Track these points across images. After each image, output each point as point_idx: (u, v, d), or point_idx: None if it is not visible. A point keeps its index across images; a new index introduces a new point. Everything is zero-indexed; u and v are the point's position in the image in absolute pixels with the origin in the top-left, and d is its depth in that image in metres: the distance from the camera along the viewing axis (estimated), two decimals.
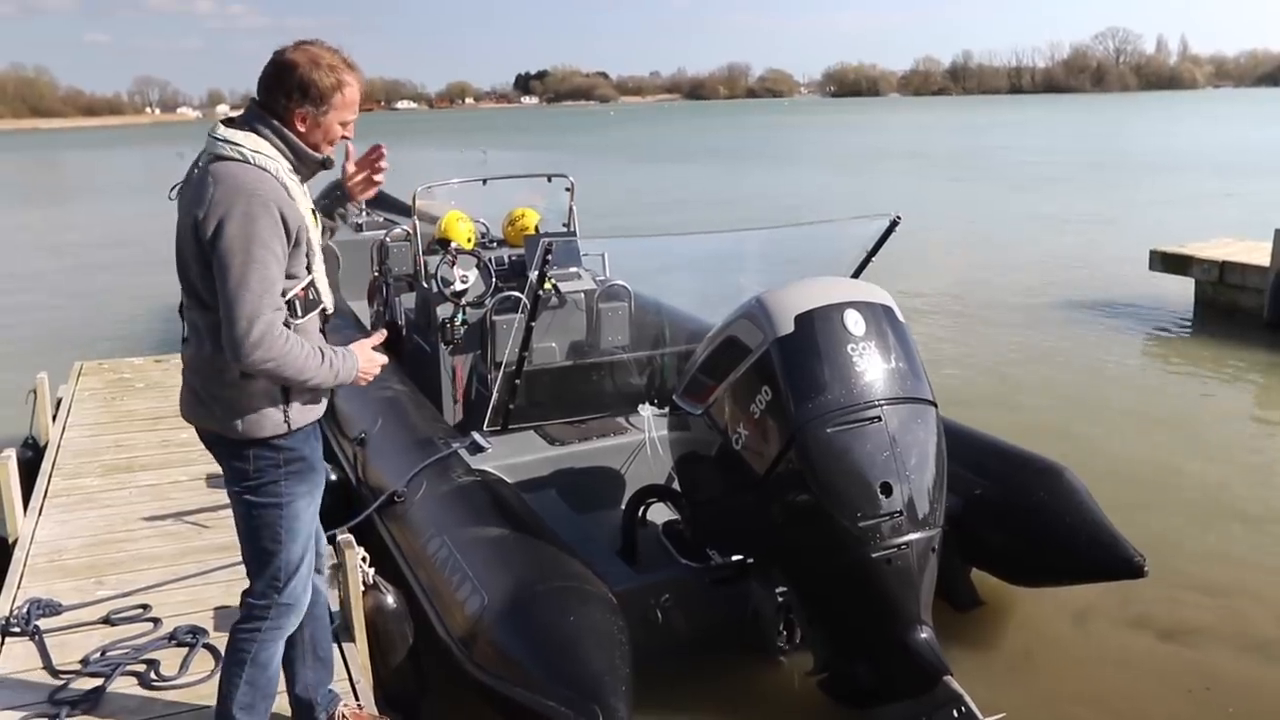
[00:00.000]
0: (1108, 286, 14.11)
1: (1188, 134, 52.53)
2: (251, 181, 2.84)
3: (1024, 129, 63.51)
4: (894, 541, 3.85)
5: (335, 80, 2.97)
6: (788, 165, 40.30)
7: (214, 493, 5.67)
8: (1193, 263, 12.34)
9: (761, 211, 23.18)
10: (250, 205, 2.81)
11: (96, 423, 7.16)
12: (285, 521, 3.09)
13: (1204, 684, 4.66)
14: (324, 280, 3.11)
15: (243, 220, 2.79)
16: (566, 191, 7.59)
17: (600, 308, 6.39)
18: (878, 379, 3.99)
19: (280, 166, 2.92)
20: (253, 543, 3.14)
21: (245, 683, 3.20)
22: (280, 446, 3.04)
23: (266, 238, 2.81)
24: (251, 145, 2.90)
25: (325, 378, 3.00)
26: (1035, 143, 49.39)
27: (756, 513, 4.15)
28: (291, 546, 3.12)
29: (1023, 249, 17.86)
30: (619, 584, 4.35)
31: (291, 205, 2.89)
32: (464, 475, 4.94)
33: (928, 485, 3.96)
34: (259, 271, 2.80)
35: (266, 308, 2.81)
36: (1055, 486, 4.91)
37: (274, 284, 2.83)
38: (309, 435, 3.13)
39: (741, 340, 4.22)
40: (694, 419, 4.48)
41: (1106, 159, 38.34)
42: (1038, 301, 13.44)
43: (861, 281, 4.58)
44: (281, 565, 3.13)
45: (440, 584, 4.21)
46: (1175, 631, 5.12)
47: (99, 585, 4.66)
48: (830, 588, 4.02)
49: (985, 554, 5.05)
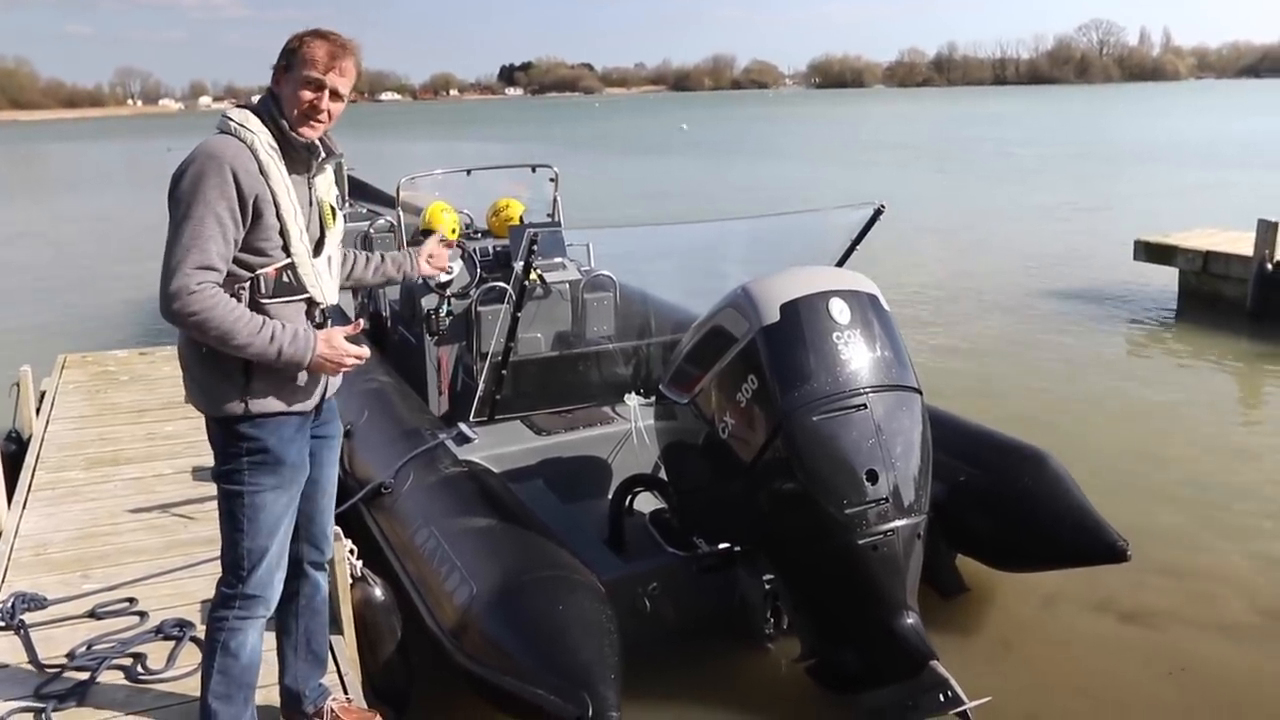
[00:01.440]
0: (1092, 276, 14.18)
1: (1171, 125, 52.74)
2: (216, 146, 2.87)
3: (1008, 120, 63.70)
4: (880, 528, 3.87)
5: (301, 39, 3.00)
6: (772, 157, 40.29)
7: (199, 485, 5.67)
8: (1177, 253, 12.36)
9: (746, 203, 23.20)
10: (203, 165, 2.83)
11: (80, 416, 7.13)
12: (248, 511, 3.08)
13: (1180, 665, 4.72)
14: (318, 273, 3.08)
15: (191, 179, 2.83)
16: (551, 182, 7.58)
17: (585, 298, 6.39)
18: (863, 367, 4.00)
19: (259, 140, 2.92)
20: (223, 530, 3.16)
21: (218, 672, 3.19)
22: (244, 434, 3.03)
23: (210, 197, 2.81)
24: (239, 119, 2.94)
25: (263, 349, 2.90)
26: (1019, 134, 49.52)
27: (743, 501, 4.16)
28: (255, 537, 3.10)
29: (1007, 239, 17.92)
30: (607, 573, 4.36)
31: (254, 175, 2.88)
32: (451, 466, 4.94)
33: (913, 472, 3.98)
34: (192, 228, 2.80)
35: (191, 262, 2.79)
36: (1039, 473, 4.94)
37: (206, 241, 2.80)
38: (281, 427, 3.08)
39: (727, 329, 4.23)
40: (680, 408, 4.49)
41: (1090, 150, 38.49)
42: (1021, 291, 13.49)
43: (847, 270, 4.60)
44: (244, 554, 3.12)
45: (429, 575, 4.22)
46: (1154, 615, 5.17)
47: (84, 579, 4.64)
48: (817, 575, 4.04)
49: (970, 540, 5.08)
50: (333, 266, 3.19)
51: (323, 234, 3.14)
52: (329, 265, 3.16)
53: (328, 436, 3.35)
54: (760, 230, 6.09)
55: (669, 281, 6.70)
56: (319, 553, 3.47)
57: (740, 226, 6.45)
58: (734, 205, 22.41)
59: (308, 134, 3.04)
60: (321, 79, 2.99)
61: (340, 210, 3.31)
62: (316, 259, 3.09)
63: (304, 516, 3.32)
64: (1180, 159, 32.41)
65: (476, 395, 5.57)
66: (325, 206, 3.16)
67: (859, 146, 44.47)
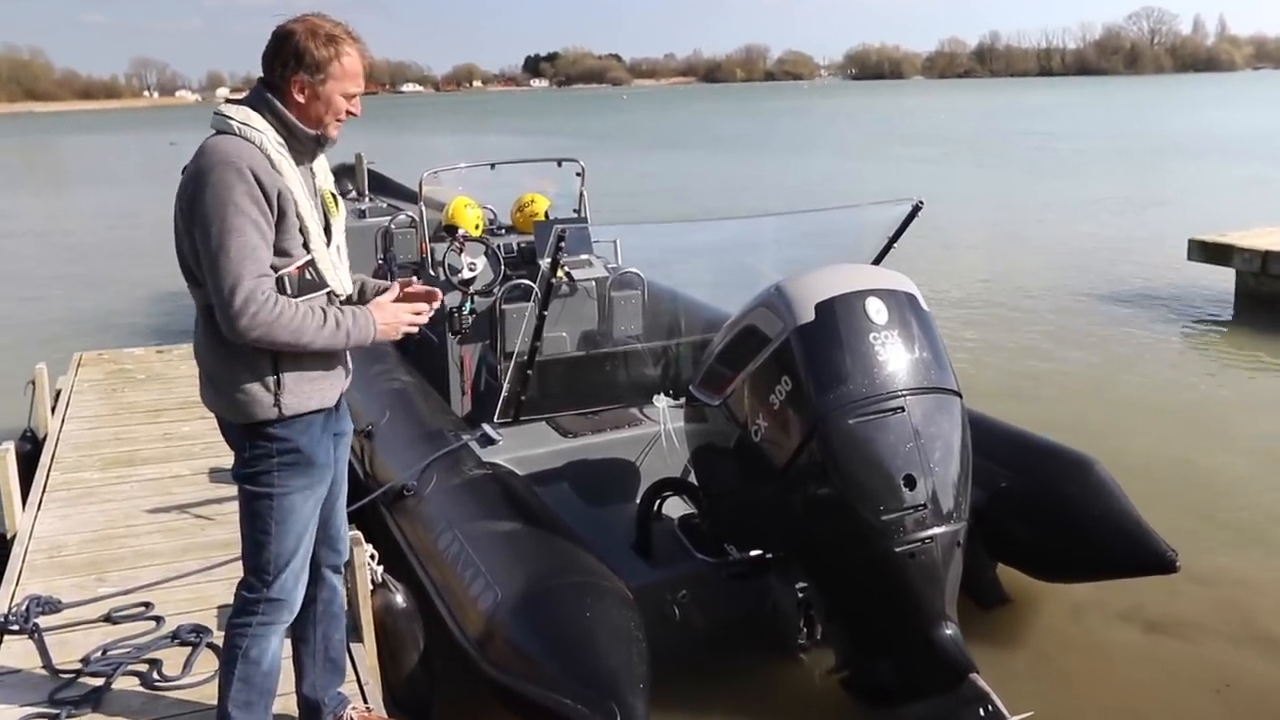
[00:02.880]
0: (1142, 277, 14.06)
1: (1226, 118, 52.16)
2: (229, 150, 2.87)
3: (1054, 113, 63.21)
4: (918, 535, 3.87)
5: (334, 49, 2.98)
6: (806, 151, 40.23)
7: (217, 487, 5.72)
8: (1234, 252, 12.17)
9: (779, 198, 23.15)
10: (224, 173, 2.83)
11: (96, 415, 7.21)
12: (276, 514, 3.09)
13: (1225, 682, 4.69)
14: (334, 264, 3.11)
15: (217, 188, 2.83)
16: (577, 176, 7.61)
17: (613, 296, 6.41)
18: (901, 368, 4.00)
19: (267, 138, 2.93)
20: (246, 533, 3.16)
21: (239, 679, 3.21)
22: (274, 435, 3.04)
23: (243, 204, 2.83)
24: (240, 117, 2.95)
25: (331, 340, 2.99)
26: (1066, 127, 49.15)
27: (776, 506, 4.17)
28: (283, 540, 3.12)
29: (1052, 237, 17.80)
30: (635, 579, 4.37)
31: (272, 174, 2.90)
32: (475, 468, 4.97)
33: (952, 478, 3.97)
34: (236, 239, 2.81)
35: (249, 274, 2.82)
36: (1084, 479, 4.92)
37: (255, 249, 2.84)
38: (310, 426, 3.10)
39: (760, 329, 4.24)
40: (711, 410, 4.50)
41: (1140, 144, 38.12)
42: (1066, 291, 13.40)
43: (884, 269, 4.59)
44: (271, 558, 3.13)
45: (452, 580, 4.25)
46: (1199, 629, 5.14)
47: (100, 582, 4.69)
48: (852, 583, 4.04)
49: (1012, 549, 5.07)
50: (342, 254, 3.22)
51: (328, 223, 3.17)
52: (339, 254, 3.19)
53: (343, 433, 3.37)
54: (794, 227, 6.10)
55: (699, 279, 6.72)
56: (336, 555, 3.49)
57: (773, 223, 6.46)
58: (767, 201, 22.34)
59: (335, 134, 3.10)
60: (359, 91, 3.08)
61: (344, 198, 3.37)
62: (328, 249, 3.12)
63: (320, 518, 3.32)
64: (1237, 153, 32.00)
65: (501, 396, 5.60)
66: (326, 194, 3.19)
67: (896, 140, 44.30)
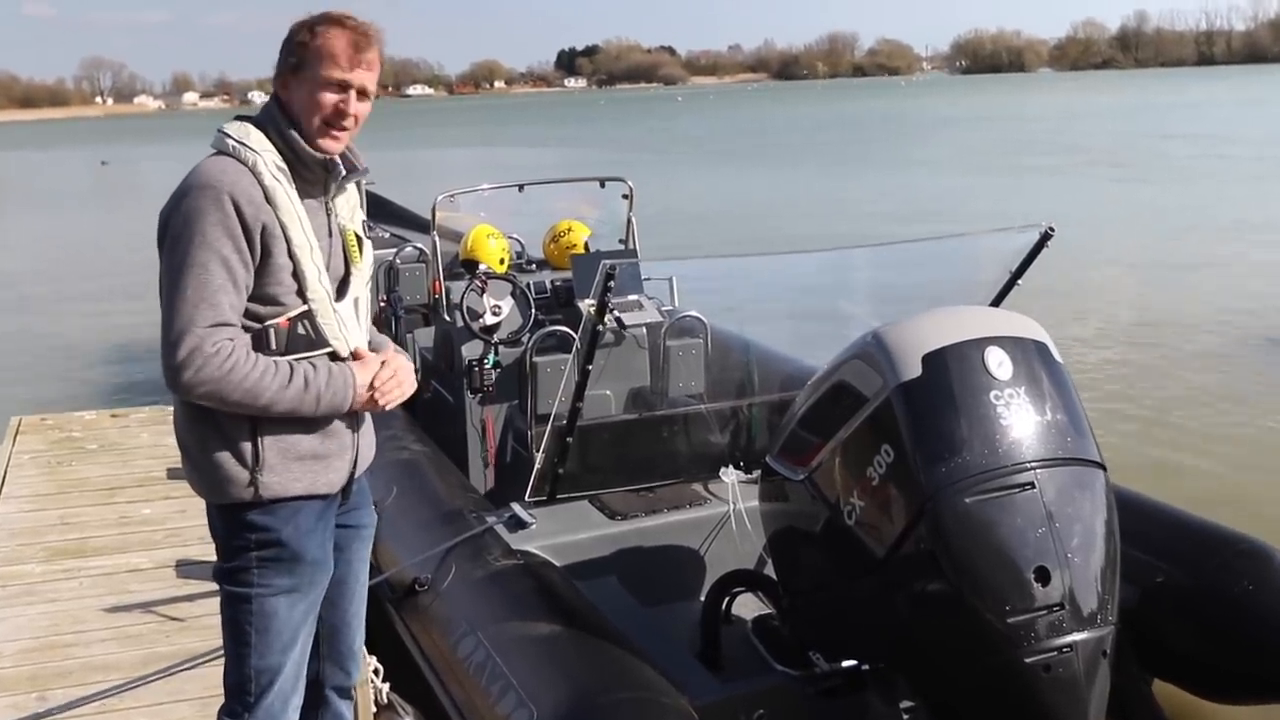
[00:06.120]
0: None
1: None
2: (212, 173, 2.91)
3: (1217, 111, 62.87)
4: (1053, 643, 3.84)
5: (312, 31, 3.01)
6: (906, 165, 40.25)
7: (185, 583, 5.71)
8: None
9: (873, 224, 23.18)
10: (198, 198, 2.87)
11: (38, 494, 7.26)
12: (256, 620, 3.08)
13: None
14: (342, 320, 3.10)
15: (187, 216, 2.87)
16: (624, 199, 7.68)
17: (669, 345, 6.43)
18: (1029, 435, 3.99)
19: (263, 161, 2.96)
20: (225, 644, 3.17)
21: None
22: (252, 523, 3.04)
23: (212, 236, 2.85)
24: (237, 135, 2.99)
25: (298, 402, 2.96)
26: (1231, 129, 48.83)
27: (874, 605, 4.16)
28: (265, 654, 3.11)
29: (1215, 269, 17.70)
30: (700, 696, 4.36)
31: (259, 205, 2.91)
32: (502, 558, 4.99)
33: (1095, 571, 3.95)
34: (196, 276, 2.85)
35: (200, 321, 2.84)
36: (1261, 573, 4.87)
37: (215, 292, 2.86)
38: (297, 514, 3.09)
39: (854, 386, 4.25)
40: (793, 486, 4.51)
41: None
42: (1233, 339, 13.31)
43: (1006, 311, 4.60)
44: (251, 675, 3.12)
45: (476, 696, 4.26)
46: None
47: (41, 700, 4.70)
48: (971, 702, 4.02)
49: (1171, 660, 5.02)
50: (360, 310, 3.21)
51: (347, 271, 3.17)
52: (355, 310, 3.18)
53: (358, 526, 3.35)
54: (893, 260, 6.10)
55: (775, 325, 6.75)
56: (345, 675, 3.48)
57: (867, 255, 6.46)
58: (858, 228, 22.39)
59: (330, 147, 3.08)
60: (346, 78, 3.03)
61: (367, 238, 3.34)
62: (340, 303, 3.11)
63: (326, 628, 3.32)
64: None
65: (533, 469, 5.63)
66: (349, 236, 3.19)
67: (1018, 149, 44.24)
